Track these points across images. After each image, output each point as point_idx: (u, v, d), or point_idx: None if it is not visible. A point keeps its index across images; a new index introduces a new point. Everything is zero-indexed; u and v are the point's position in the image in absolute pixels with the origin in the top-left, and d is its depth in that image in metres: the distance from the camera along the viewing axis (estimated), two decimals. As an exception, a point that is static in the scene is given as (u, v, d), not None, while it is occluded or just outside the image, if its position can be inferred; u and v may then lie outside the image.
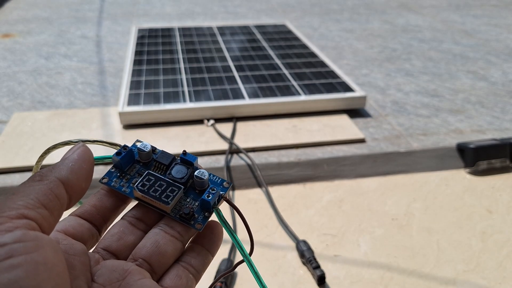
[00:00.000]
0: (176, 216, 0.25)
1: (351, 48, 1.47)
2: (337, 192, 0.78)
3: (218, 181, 0.27)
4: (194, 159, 0.27)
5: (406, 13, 1.90)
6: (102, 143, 0.27)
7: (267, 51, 1.29)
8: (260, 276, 0.25)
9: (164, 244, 0.24)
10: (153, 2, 2.03)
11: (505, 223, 0.72)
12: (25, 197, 0.19)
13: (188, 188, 0.27)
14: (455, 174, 0.84)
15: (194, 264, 0.25)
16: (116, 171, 0.27)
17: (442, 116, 1.04)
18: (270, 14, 1.87)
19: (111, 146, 0.27)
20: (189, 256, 0.25)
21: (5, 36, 1.55)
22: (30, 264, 0.16)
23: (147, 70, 1.13)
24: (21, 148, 0.86)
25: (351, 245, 0.67)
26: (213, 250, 0.26)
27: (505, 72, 1.30)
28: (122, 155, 0.26)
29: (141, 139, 0.29)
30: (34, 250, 0.17)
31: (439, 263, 0.64)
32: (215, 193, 0.26)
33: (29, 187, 0.20)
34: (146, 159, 0.27)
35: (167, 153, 0.28)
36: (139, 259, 0.24)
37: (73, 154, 0.23)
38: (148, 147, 0.27)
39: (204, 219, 0.25)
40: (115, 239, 0.25)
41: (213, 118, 0.97)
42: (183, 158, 0.27)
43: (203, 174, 0.26)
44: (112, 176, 0.26)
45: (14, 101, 1.08)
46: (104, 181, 0.26)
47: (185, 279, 0.24)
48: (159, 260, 0.24)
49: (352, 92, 1.03)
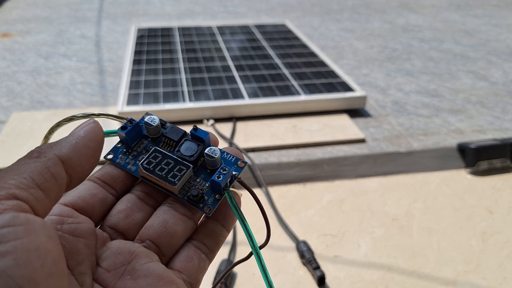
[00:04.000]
0: (184, 197, 0.23)
1: (351, 48, 1.47)
2: (337, 192, 0.78)
3: (232, 160, 0.25)
4: (206, 135, 0.25)
5: (406, 13, 1.90)
6: (108, 116, 0.25)
7: (267, 50, 1.29)
8: (267, 271, 0.23)
9: (174, 223, 0.22)
10: (152, 2, 2.03)
11: (505, 223, 0.71)
12: (18, 175, 0.17)
13: (199, 167, 0.25)
14: (455, 174, 0.84)
15: (207, 243, 0.23)
16: (123, 147, 0.25)
17: (442, 116, 1.03)
18: (270, 13, 1.87)
19: (118, 119, 0.25)
20: (202, 234, 0.23)
21: (4, 35, 1.55)
22: (20, 251, 0.15)
23: (146, 69, 1.13)
24: (21, 148, 0.86)
25: (351, 245, 0.67)
26: (229, 224, 0.24)
27: (505, 72, 1.29)
28: (128, 130, 0.24)
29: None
30: (25, 236, 0.15)
31: (439, 263, 0.64)
32: (227, 174, 0.23)
33: (24, 164, 0.18)
34: (154, 134, 0.25)
35: (177, 128, 0.25)
36: (146, 240, 0.22)
37: (79, 131, 0.21)
38: (156, 121, 0.25)
39: (215, 202, 0.23)
40: (122, 217, 0.23)
41: (213, 118, 0.97)
42: (194, 134, 0.25)
43: (214, 152, 0.24)
44: (118, 152, 0.24)
45: (13, 101, 1.07)
46: (109, 157, 0.24)
47: (196, 261, 0.22)
48: (168, 241, 0.22)
49: (352, 92, 1.02)
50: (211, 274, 0.60)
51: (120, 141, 0.25)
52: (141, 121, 0.25)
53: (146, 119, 0.25)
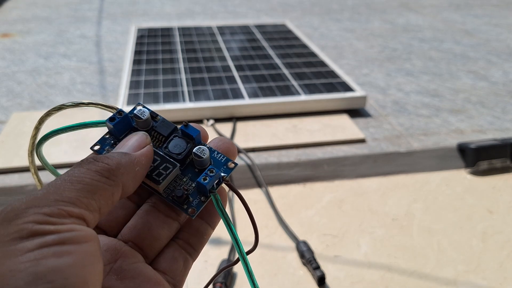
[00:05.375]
0: (168, 197, 0.22)
1: (351, 47, 1.47)
2: (337, 192, 0.78)
3: (222, 160, 0.24)
4: (196, 132, 0.24)
5: (406, 13, 1.90)
6: (97, 105, 0.24)
7: (267, 50, 1.29)
8: (253, 275, 0.22)
9: (157, 226, 0.22)
10: (152, 2, 2.03)
11: (505, 223, 0.71)
12: (89, 195, 0.18)
13: (187, 165, 0.24)
14: (455, 174, 0.84)
15: (192, 242, 0.23)
16: (110, 138, 0.24)
17: (442, 116, 1.03)
18: (270, 13, 1.86)
19: (107, 109, 0.24)
20: (187, 233, 0.23)
21: (4, 35, 1.55)
22: (80, 254, 0.16)
23: (146, 70, 1.13)
24: (20, 148, 0.85)
25: (352, 245, 0.67)
26: (214, 222, 0.24)
27: (505, 72, 1.29)
28: (116, 121, 0.23)
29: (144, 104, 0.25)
30: (85, 241, 0.16)
31: (439, 263, 0.64)
32: (214, 176, 0.22)
33: (96, 182, 0.18)
34: (144, 127, 0.24)
35: (168, 122, 0.24)
36: (129, 242, 0.22)
37: (141, 156, 0.21)
38: (145, 115, 0.24)
39: (200, 204, 0.22)
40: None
41: (213, 118, 0.97)
42: (184, 130, 0.24)
43: (202, 152, 0.23)
44: (105, 144, 0.23)
45: (13, 101, 1.07)
46: (95, 148, 0.23)
47: (181, 261, 0.22)
48: (151, 244, 0.22)
49: (353, 92, 1.02)
50: (211, 274, 0.60)
51: (108, 132, 0.24)
52: (130, 112, 0.24)
53: (136, 111, 0.24)
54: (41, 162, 0.26)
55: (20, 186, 0.76)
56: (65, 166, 0.80)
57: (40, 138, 0.25)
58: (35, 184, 0.39)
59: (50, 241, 0.15)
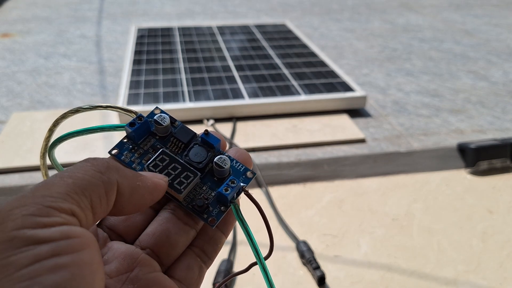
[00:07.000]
0: (188, 205, 0.22)
1: (351, 47, 1.47)
2: (337, 192, 0.78)
3: (241, 170, 0.24)
4: (217, 141, 0.23)
5: (406, 13, 1.90)
6: (116, 109, 0.24)
7: (267, 50, 1.29)
8: (272, 283, 0.22)
9: (176, 233, 0.22)
10: (152, 2, 2.03)
11: (505, 223, 0.71)
12: (79, 190, 0.17)
13: (206, 173, 0.23)
14: (455, 174, 0.84)
15: (206, 250, 0.23)
16: (129, 143, 0.24)
17: (442, 116, 1.03)
18: (270, 13, 1.87)
19: (125, 113, 0.24)
20: (202, 241, 0.23)
21: (4, 35, 1.55)
22: (77, 265, 0.15)
23: (146, 69, 1.13)
24: (20, 148, 0.85)
25: (352, 245, 0.67)
26: (227, 230, 0.23)
27: (505, 72, 1.29)
28: (136, 127, 0.23)
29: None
30: (81, 249, 0.15)
31: (439, 263, 0.64)
32: (235, 187, 0.22)
33: (89, 177, 0.17)
34: (163, 133, 0.24)
35: (187, 128, 0.24)
36: (147, 249, 0.21)
37: (149, 180, 0.20)
38: (166, 121, 0.24)
39: (219, 214, 0.22)
40: (122, 219, 0.22)
41: (213, 118, 0.97)
42: (205, 139, 0.23)
43: (224, 162, 0.23)
44: (123, 149, 0.23)
45: (13, 101, 1.07)
46: (113, 152, 0.23)
47: (196, 269, 0.22)
48: (168, 251, 0.22)
49: (353, 92, 1.02)
50: (211, 273, 0.60)
51: (127, 136, 0.24)
52: (149, 116, 0.24)
53: (156, 117, 0.24)
54: (53, 164, 0.25)
55: (20, 186, 0.76)
56: (65, 167, 0.80)
57: (54, 140, 0.24)
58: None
59: (44, 253, 0.14)
